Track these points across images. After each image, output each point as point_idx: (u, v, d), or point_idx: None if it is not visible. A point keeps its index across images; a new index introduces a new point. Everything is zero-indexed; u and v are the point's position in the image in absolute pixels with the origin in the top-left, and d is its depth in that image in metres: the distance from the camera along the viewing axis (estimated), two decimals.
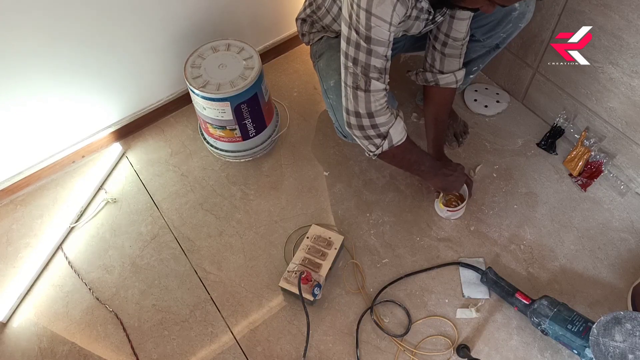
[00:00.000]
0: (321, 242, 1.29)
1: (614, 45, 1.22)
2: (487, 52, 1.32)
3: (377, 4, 0.92)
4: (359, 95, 1.05)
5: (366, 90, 1.04)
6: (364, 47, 0.98)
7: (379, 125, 1.09)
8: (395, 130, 1.11)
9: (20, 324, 1.29)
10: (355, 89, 1.05)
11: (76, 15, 1.24)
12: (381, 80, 1.04)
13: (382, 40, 0.98)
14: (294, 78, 1.74)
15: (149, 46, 1.44)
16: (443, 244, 1.35)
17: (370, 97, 1.05)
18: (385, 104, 1.08)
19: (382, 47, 0.99)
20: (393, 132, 1.11)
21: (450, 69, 1.28)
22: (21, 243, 1.41)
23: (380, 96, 1.06)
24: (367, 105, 1.06)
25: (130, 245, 1.40)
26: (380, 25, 0.95)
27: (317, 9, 1.28)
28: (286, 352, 1.21)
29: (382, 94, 1.06)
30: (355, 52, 1.00)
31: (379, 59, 1.00)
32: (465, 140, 1.53)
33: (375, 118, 1.08)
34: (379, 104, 1.06)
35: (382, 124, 1.09)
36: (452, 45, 1.22)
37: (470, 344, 1.19)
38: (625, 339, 0.98)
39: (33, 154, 1.46)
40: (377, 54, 0.99)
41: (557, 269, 1.29)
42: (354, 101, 1.07)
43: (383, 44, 0.98)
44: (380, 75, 1.03)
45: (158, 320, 1.27)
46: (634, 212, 1.37)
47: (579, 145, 1.43)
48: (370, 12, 0.93)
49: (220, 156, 1.53)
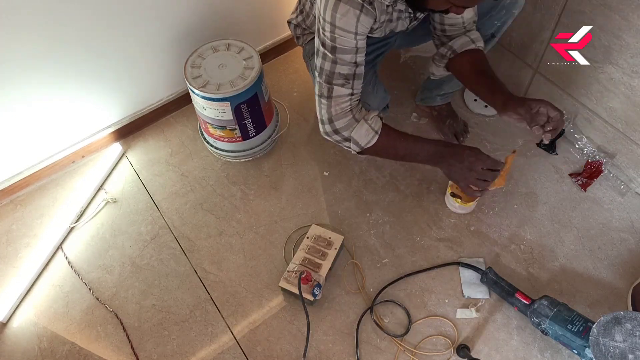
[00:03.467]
0: (321, 242, 1.29)
1: (614, 45, 1.22)
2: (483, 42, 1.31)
3: (340, 17, 0.94)
4: (322, 102, 1.09)
5: (328, 97, 1.07)
6: (329, 57, 1.01)
7: (339, 130, 1.11)
8: (358, 133, 1.11)
9: (20, 324, 1.29)
10: (319, 97, 1.09)
11: (76, 15, 1.24)
12: (347, 86, 1.05)
13: (348, 48, 0.99)
14: (294, 78, 1.74)
15: (149, 46, 1.44)
16: (443, 244, 1.35)
17: (331, 103, 1.08)
18: (347, 108, 1.08)
19: (349, 54, 1.01)
20: (356, 135, 1.11)
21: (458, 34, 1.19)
22: (21, 243, 1.41)
23: (342, 101, 1.07)
24: (328, 110, 1.09)
25: (130, 245, 1.40)
26: (344, 36, 0.97)
27: (306, 17, 1.30)
28: (286, 352, 1.21)
29: (345, 99, 1.07)
30: (321, 63, 1.04)
31: (345, 66, 1.02)
32: (466, 140, 1.53)
33: (335, 122, 1.10)
34: (339, 109, 1.08)
35: (341, 128, 1.11)
36: (451, 30, 1.18)
37: (470, 344, 1.19)
38: (625, 339, 0.98)
39: (33, 154, 1.46)
40: (343, 62, 1.02)
41: (557, 269, 1.29)
42: (319, 108, 1.11)
43: (349, 51, 1.00)
44: (347, 81, 1.04)
45: (158, 320, 1.27)
46: (634, 212, 1.37)
47: None
48: (334, 24, 0.95)
49: (220, 156, 1.53)
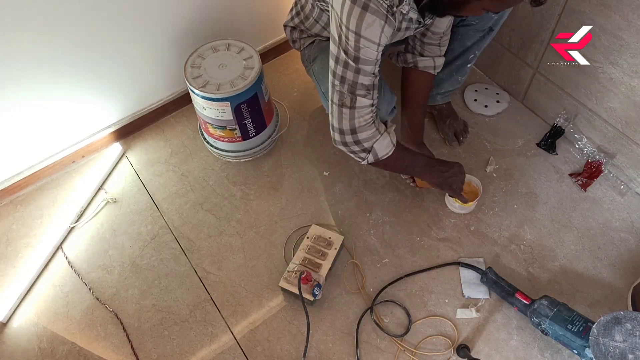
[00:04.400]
0: (321, 242, 1.29)
1: (614, 45, 1.22)
2: (481, 37, 1.31)
3: (366, 27, 0.93)
4: (343, 112, 1.07)
5: (351, 107, 1.05)
6: (352, 67, 1.00)
7: (362, 141, 1.10)
8: (380, 145, 1.11)
9: (20, 324, 1.29)
10: (340, 107, 1.06)
11: (76, 15, 1.24)
12: (368, 96, 1.05)
13: (370, 59, 0.99)
14: (294, 78, 1.74)
15: (149, 46, 1.44)
16: (443, 244, 1.35)
17: (354, 114, 1.06)
18: (370, 120, 1.08)
19: (370, 65, 1.00)
20: (378, 147, 1.11)
21: (430, 54, 1.28)
22: (21, 243, 1.41)
23: (365, 112, 1.06)
24: (351, 121, 1.07)
25: (130, 245, 1.40)
26: (368, 47, 0.96)
27: (304, 19, 1.29)
28: (286, 352, 1.21)
29: (368, 109, 1.06)
30: (343, 71, 1.01)
31: (367, 77, 1.02)
32: (466, 140, 1.53)
33: (358, 134, 1.09)
34: (363, 120, 1.07)
35: (364, 139, 1.10)
36: (430, 37, 1.24)
37: (470, 344, 1.19)
38: (625, 339, 0.98)
39: (33, 154, 1.46)
40: (365, 72, 1.01)
41: (557, 269, 1.29)
42: (338, 117, 1.08)
43: (371, 62, 1.00)
44: (368, 92, 1.04)
45: (158, 320, 1.27)
46: (634, 212, 1.37)
47: None
48: (359, 34, 0.94)
49: (220, 156, 1.53)
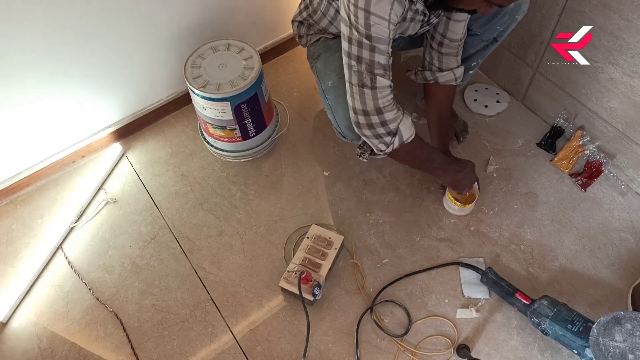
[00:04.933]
0: (321, 242, 1.29)
1: (614, 45, 1.22)
2: (485, 46, 1.31)
3: (375, 3, 0.92)
4: (365, 93, 1.04)
5: (372, 87, 1.03)
6: (367, 45, 0.98)
7: (387, 122, 1.08)
8: (405, 126, 1.11)
9: (20, 324, 1.29)
10: (361, 87, 1.04)
11: (76, 15, 1.24)
12: (386, 76, 1.03)
13: (383, 37, 0.97)
14: (294, 78, 1.74)
15: (149, 46, 1.44)
16: (443, 244, 1.35)
17: (377, 94, 1.04)
18: (392, 100, 1.07)
19: (384, 44, 0.99)
20: (403, 128, 1.10)
21: (448, 67, 1.28)
22: (21, 243, 1.41)
23: (387, 92, 1.05)
24: (375, 102, 1.05)
25: (130, 245, 1.40)
26: (379, 24, 0.95)
27: (313, 13, 1.28)
28: (286, 352, 1.21)
29: (388, 90, 1.05)
30: (358, 50, 1.00)
31: (382, 55, 1.00)
32: (466, 139, 1.53)
33: (385, 114, 1.07)
34: (386, 100, 1.06)
35: (390, 120, 1.08)
36: (448, 45, 1.23)
37: (470, 344, 1.19)
38: (625, 339, 0.98)
39: (33, 154, 1.46)
40: (380, 51, 0.99)
41: (557, 269, 1.29)
42: (361, 99, 1.06)
43: (384, 41, 0.98)
44: (385, 71, 1.03)
45: (158, 320, 1.27)
46: (634, 212, 1.37)
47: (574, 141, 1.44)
48: (369, 11, 0.93)
49: (220, 156, 1.53)
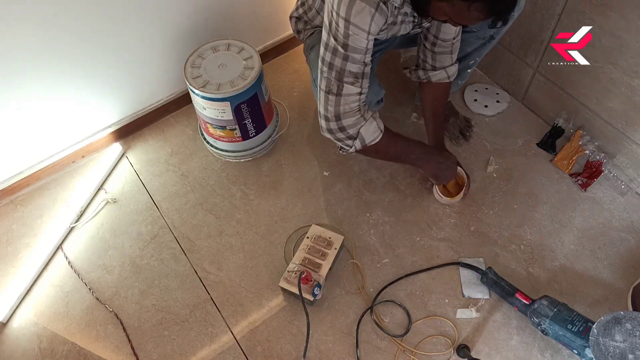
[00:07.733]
0: (321, 242, 1.29)
1: (614, 45, 1.22)
2: (482, 44, 1.32)
3: (356, 14, 0.94)
4: (329, 99, 1.08)
5: (337, 94, 1.06)
6: (341, 53, 1.00)
7: (346, 128, 1.11)
8: (367, 130, 1.12)
9: (20, 324, 1.29)
10: (327, 93, 1.07)
11: (76, 15, 1.24)
12: (356, 84, 1.05)
13: (359, 47, 0.99)
14: (294, 78, 1.74)
15: (149, 46, 1.44)
16: (443, 244, 1.35)
17: (340, 101, 1.07)
18: (355, 107, 1.09)
19: (360, 54, 1.01)
20: (364, 132, 1.12)
21: (442, 65, 1.29)
22: (21, 243, 1.41)
23: (352, 100, 1.07)
24: (336, 108, 1.08)
25: (130, 245, 1.40)
26: (357, 34, 0.97)
27: (308, 10, 1.30)
28: (286, 352, 1.21)
29: (355, 97, 1.07)
30: (331, 58, 1.02)
31: (355, 64, 1.02)
32: (472, 135, 1.53)
33: (343, 120, 1.10)
34: (348, 107, 1.08)
35: (349, 125, 1.11)
36: (441, 45, 1.24)
37: (470, 344, 1.19)
38: (625, 339, 0.98)
39: (33, 154, 1.46)
40: (353, 60, 1.01)
41: (557, 269, 1.29)
42: (324, 104, 1.09)
43: (360, 51, 1.00)
44: (356, 79, 1.04)
45: (158, 320, 1.27)
46: (634, 212, 1.37)
47: (574, 141, 1.44)
48: (349, 20, 0.95)
49: (220, 156, 1.53)
